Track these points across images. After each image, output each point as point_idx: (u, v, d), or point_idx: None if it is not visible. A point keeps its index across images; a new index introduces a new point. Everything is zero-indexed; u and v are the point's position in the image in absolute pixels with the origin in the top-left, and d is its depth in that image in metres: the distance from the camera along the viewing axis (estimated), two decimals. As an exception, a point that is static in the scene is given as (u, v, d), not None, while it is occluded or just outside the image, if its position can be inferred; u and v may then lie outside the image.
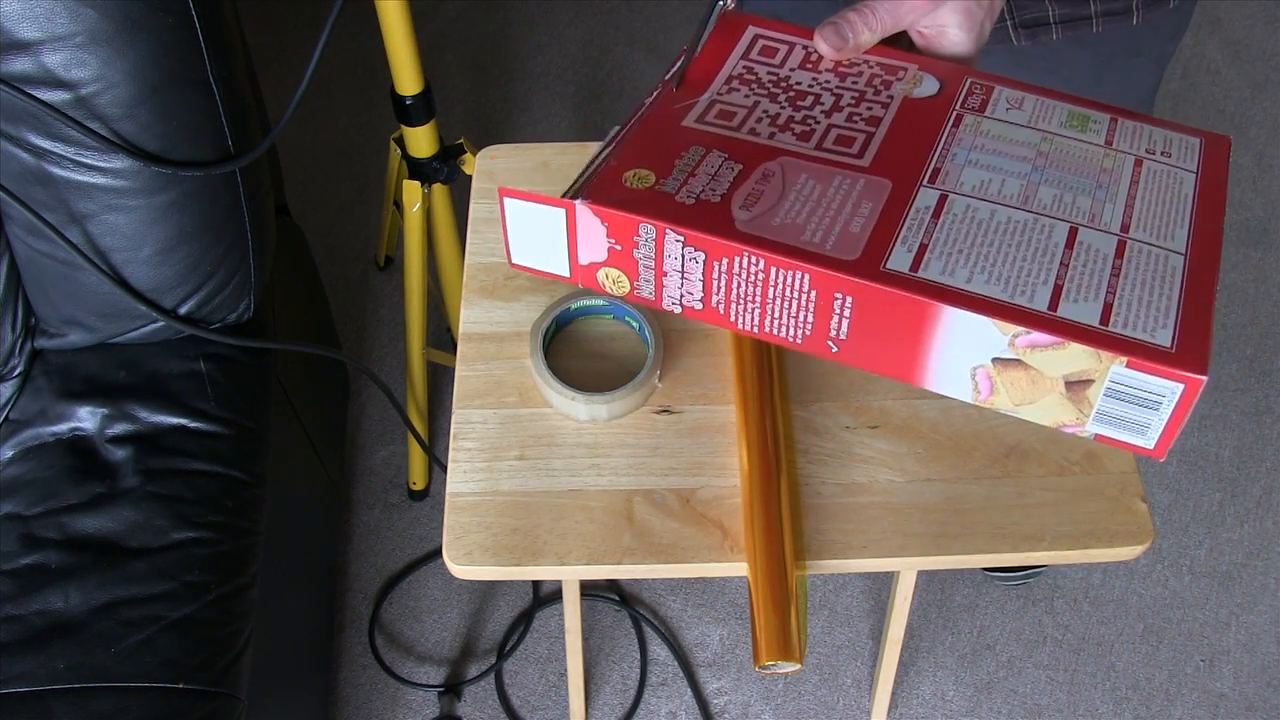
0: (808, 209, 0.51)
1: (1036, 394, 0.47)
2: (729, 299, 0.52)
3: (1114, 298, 0.48)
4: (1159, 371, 0.45)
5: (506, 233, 0.55)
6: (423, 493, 1.55)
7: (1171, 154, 0.56)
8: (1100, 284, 0.48)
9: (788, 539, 0.72)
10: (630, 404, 0.79)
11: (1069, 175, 0.54)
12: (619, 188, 0.52)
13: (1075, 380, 0.46)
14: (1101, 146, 0.56)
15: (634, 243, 0.51)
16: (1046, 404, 0.48)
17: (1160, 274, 0.49)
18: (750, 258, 0.50)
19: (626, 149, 0.54)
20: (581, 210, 0.51)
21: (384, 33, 1.08)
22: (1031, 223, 0.51)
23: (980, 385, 0.48)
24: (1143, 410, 0.46)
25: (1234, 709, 1.43)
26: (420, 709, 1.41)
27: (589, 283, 0.53)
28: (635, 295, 0.52)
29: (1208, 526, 1.56)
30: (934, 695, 1.43)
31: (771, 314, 0.51)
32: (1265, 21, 2.09)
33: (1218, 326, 1.73)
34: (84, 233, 0.95)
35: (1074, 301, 0.47)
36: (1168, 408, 0.46)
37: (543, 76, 2.00)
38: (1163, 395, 0.45)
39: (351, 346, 1.68)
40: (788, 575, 0.70)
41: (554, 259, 0.54)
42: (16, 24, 0.84)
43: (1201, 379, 0.45)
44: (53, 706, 0.89)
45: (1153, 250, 0.50)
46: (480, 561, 0.74)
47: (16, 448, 1.02)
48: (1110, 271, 0.49)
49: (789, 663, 0.67)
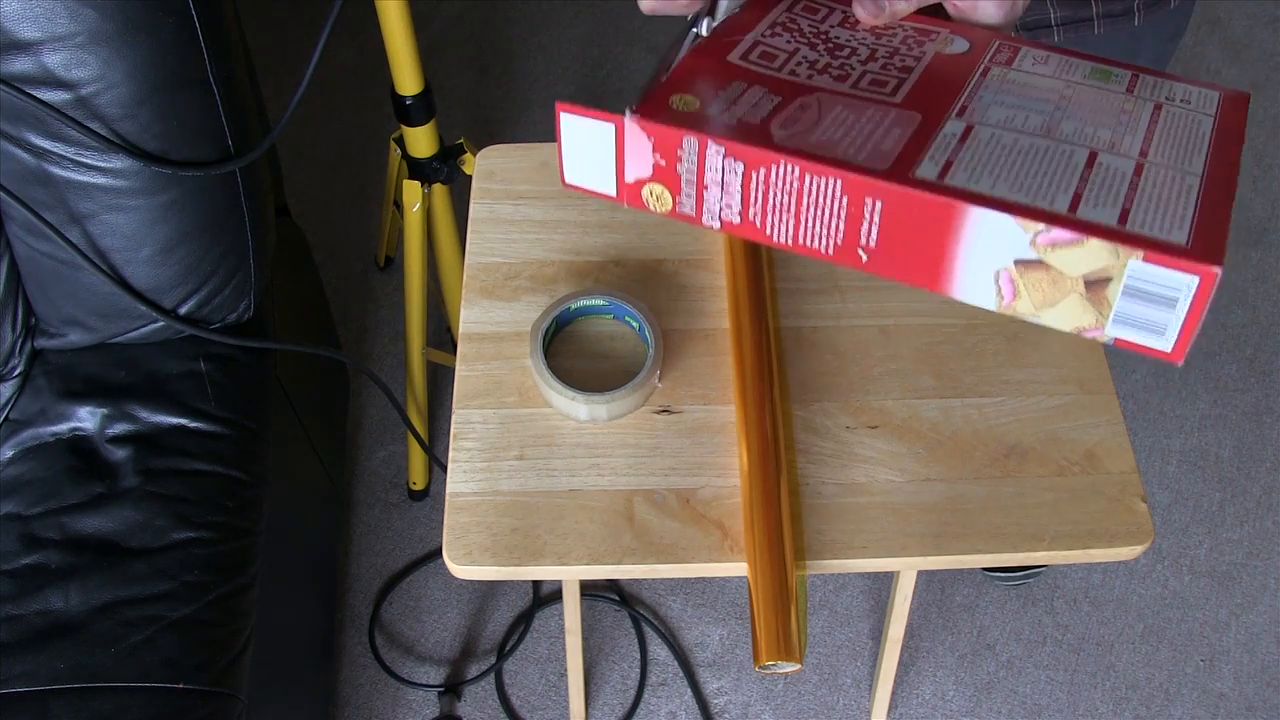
0: (842, 130, 0.55)
1: (1057, 295, 0.49)
2: (765, 210, 0.55)
3: (1131, 204, 0.49)
4: (1175, 265, 0.46)
5: (561, 150, 0.57)
6: (423, 493, 1.55)
7: (1191, 101, 0.59)
8: (1119, 194, 0.50)
9: (788, 539, 0.72)
10: (630, 404, 0.79)
11: (1090, 113, 0.56)
12: (665, 109, 0.55)
13: (1094, 279, 0.47)
14: (1123, 94, 0.59)
15: (678, 156, 0.53)
16: (1067, 306, 0.49)
17: (1177, 189, 0.51)
18: (786, 166, 0.52)
19: (674, 75, 0.57)
20: (630, 124, 0.54)
21: (384, 33, 1.08)
22: (1053, 148, 0.53)
23: (1004, 289, 0.49)
24: (1160, 309, 0.47)
25: (1234, 709, 1.43)
26: (420, 709, 1.41)
27: (634, 201, 0.56)
28: (677, 211, 0.55)
29: (1208, 526, 1.56)
30: (934, 695, 1.43)
31: (805, 224, 0.54)
32: (1265, 21, 2.09)
33: (1218, 327, 1.73)
34: (84, 233, 0.95)
35: (1093, 206, 0.49)
36: (1184, 305, 0.46)
37: (543, 76, 2.00)
38: (1179, 290, 0.46)
39: (351, 346, 1.68)
40: (788, 575, 0.70)
41: (603, 178, 0.57)
42: (16, 24, 0.84)
43: (1216, 271, 0.45)
44: (53, 706, 0.89)
45: (1170, 171, 0.52)
46: (480, 561, 0.74)
47: (16, 448, 1.02)
48: (1128, 186, 0.51)
49: (789, 663, 0.67)
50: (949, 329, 0.84)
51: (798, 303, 0.86)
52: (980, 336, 0.84)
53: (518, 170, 0.93)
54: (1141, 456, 1.61)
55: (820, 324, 0.85)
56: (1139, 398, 1.66)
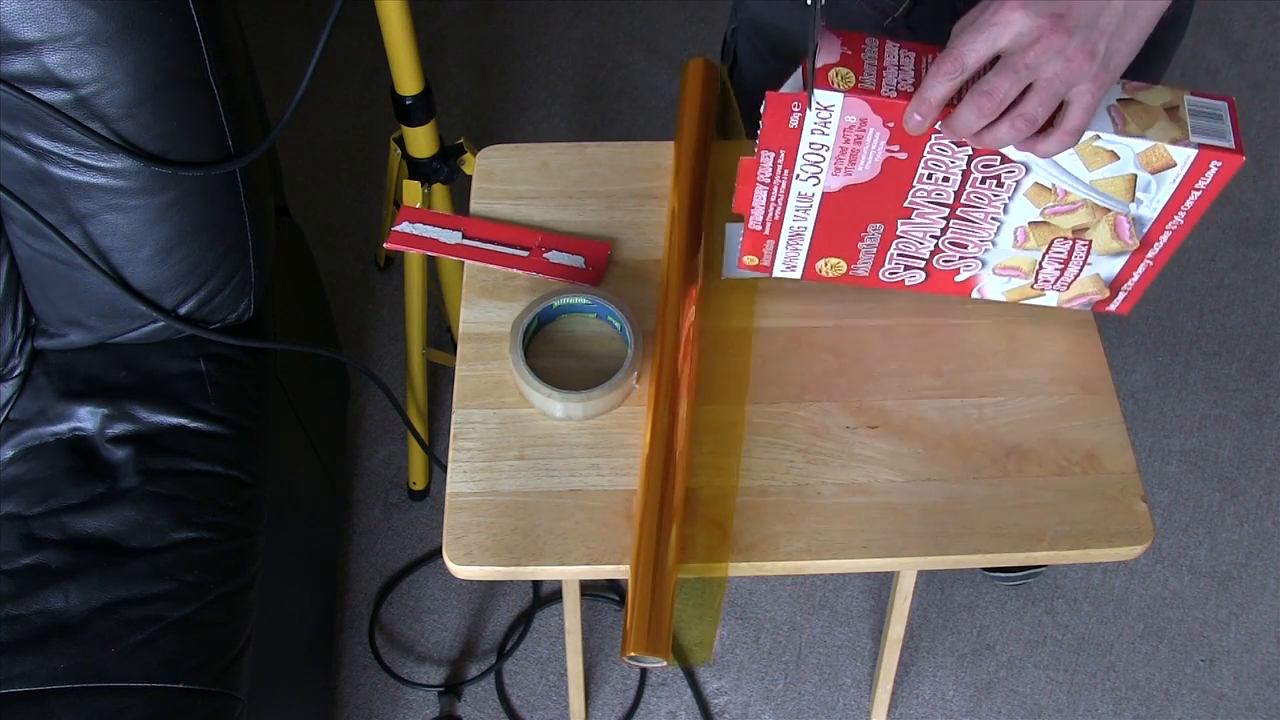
0: None
1: (1151, 120, 0.70)
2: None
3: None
4: (1210, 95, 0.71)
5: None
6: (423, 493, 1.55)
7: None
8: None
9: (673, 539, 0.72)
10: (607, 403, 0.79)
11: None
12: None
13: (1169, 108, 0.70)
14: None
15: (861, 47, 0.70)
16: (1160, 127, 0.70)
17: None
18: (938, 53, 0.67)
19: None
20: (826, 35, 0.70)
21: (384, 33, 1.08)
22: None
23: (1115, 119, 0.70)
24: (1215, 121, 0.71)
25: (1234, 709, 1.43)
26: (420, 709, 1.41)
27: (821, 81, 0.68)
28: (859, 88, 0.68)
29: (1208, 526, 1.56)
30: (934, 695, 1.43)
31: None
32: (1265, 21, 2.09)
33: (1218, 327, 1.73)
34: (84, 233, 0.95)
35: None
36: (1228, 118, 0.71)
37: (543, 76, 2.00)
38: (1221, 108, 0.71)
39: (351, 346, 1.68)
40: (666, 574, 0.71)
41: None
42: (16, 24, 0.84)
43: (1233, 99, 0.72)
44: (53, 706, 0.89)
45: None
46: (480, 561, 0.74)
47: (16, 448, 1.02)
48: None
49: (656, 658, 0.69)
50: (949, 329, 0.84)
51: (798, 303, 0.86)
52: (980, 336, 0.84)
53: (518, 170, 0.93)
54: (1141, 456, 1.61)
55: (820, 324, 0.85)
56: (1139, 398, 1.66)
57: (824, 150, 0.72)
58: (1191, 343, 1.72)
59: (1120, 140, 0.70)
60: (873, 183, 0.74)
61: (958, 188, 0.74)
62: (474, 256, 0.87)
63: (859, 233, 0.78)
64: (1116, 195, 0.74)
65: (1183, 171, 0.71)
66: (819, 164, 0.73)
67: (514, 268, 0.86)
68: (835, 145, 0.72)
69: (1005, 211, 0.76)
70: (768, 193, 0.76)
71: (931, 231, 0.78)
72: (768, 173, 0.74)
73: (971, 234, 0.78)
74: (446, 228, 0.89)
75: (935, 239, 0.79)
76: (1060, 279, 0.81)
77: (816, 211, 0.77)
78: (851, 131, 0.70)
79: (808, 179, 0.74)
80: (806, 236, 0.79)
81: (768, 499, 0.76)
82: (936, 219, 0.77)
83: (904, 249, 0.80)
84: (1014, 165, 0.72)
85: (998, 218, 0.76)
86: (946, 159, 0.72)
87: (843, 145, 0.71)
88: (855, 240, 0.79)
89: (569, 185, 0.92)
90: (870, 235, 0.79)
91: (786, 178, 0.74)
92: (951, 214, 0.76)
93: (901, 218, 0.77)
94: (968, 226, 0.77)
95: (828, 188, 0.75)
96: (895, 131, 0.70)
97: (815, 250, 0.80)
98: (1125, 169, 0.72)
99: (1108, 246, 0.78)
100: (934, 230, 0.78)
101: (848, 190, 0.75)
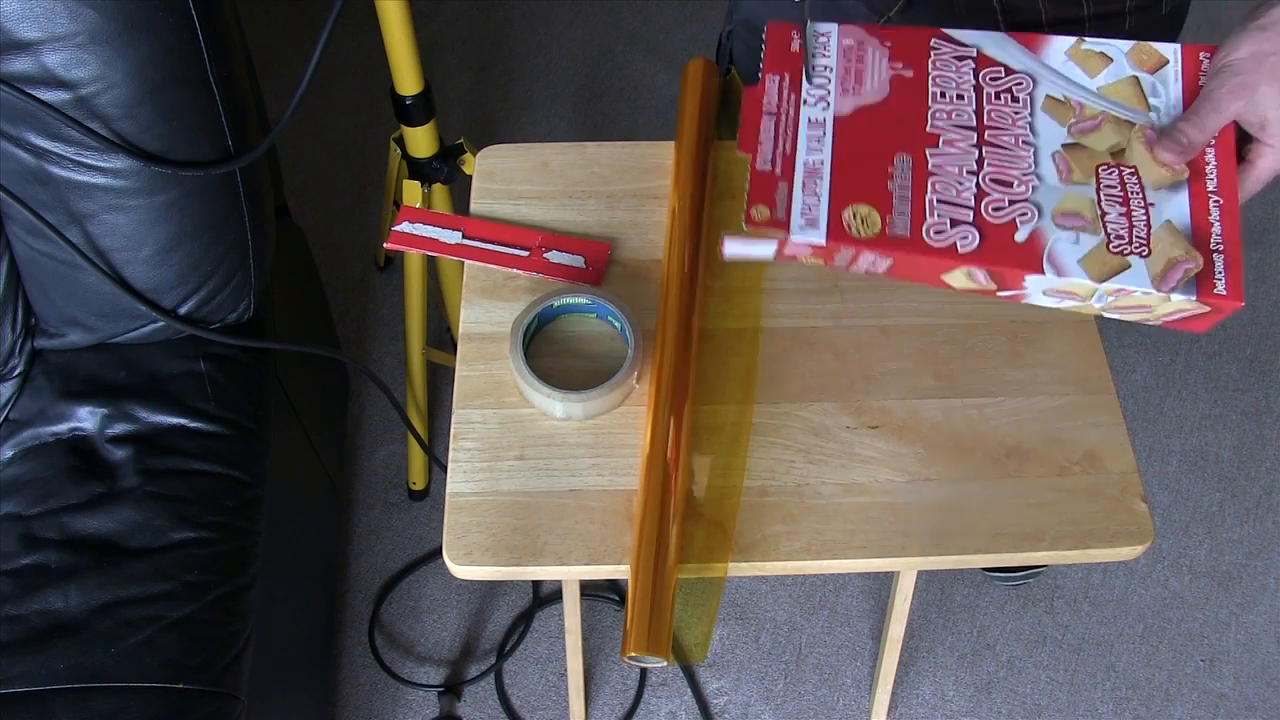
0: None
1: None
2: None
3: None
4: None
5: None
6: (423, 493, 1.55)
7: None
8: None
9: (673, 540, 0.72)
10: (607, 403, 0.79)
11: None
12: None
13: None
14: None
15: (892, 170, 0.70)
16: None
17: None
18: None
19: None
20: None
21: (384, 33, 1.08)
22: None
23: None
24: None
25: (1234, 709, 1.43)
26: (420, 709, 1.41)
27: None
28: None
29: (1208, 526, 1.56)
30: (934, 695, 1.43)
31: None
32: (1265, 21, 2.09)
33: (1217, 327, 1.73)
34: (84, 233, 0.95)
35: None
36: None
37: (543, 76, 2.00)
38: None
39: (351, 346, 1.68)
40: (666, 575, 0.71)
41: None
42: (16, 24, 0.84)
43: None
44: (53, 706, 0.89)
45: None
46: (480, 561, 0.74)
47: (16, 448, 1.02)
48: None
49: (656, 657, 0.69)
50: (949, 329, 0.84)
51: (798, 303, 0.86)
52: (980, 336, 0.84)
53: (517, 170, 0.93)
54: (1141, 456, 1.61)
55: (820, 324, 0.85)
56: (1139, 398, 1.66)
57: (829, 72, 0.72)
58: (1191, 343, 1.72)
59: (1107, 42, 0.73)
60: (886, 104, 0.71)
61: (975, 106, 0.72)
62: (474, 256, 0.87)
63: (886, 167, 0.70)
64: (1129, 103, 0.72)
65: (1178, 65, 0.72)
66: (825, 85, 0.72)
67: (514, 268, 0.86)
68: (839, 66, 0.72)
69: (1034, 133, 0.72)
70: (775, 123, 0.71)
71: (968, 166, 0.71)
72: (774, 100, 0.71)
73: (1009, 163, 0.71)
74: (446, 228, 0.89)
75: (974, 175, 0.71)
76: (1132, 230, 0.70)
77: (831, 141, 0.71)
78: (852, 51, 0.72)
79: (816, 102, 0.72)
80: (825, 174, 0.70)
81: (768, 499, 0.76)
82: (966, 146, 0.71)
83: (943, 193, 0.70)
84: (1019, 76, 0.73)
85: (1029, 141, 0.71)
86: (952, 73, 0.72)
87: (845, 65, 0.72)
88: (883, 179, 0.70)
89: (569, 185, 0.92)
90: (900, 172, 0.70)
91: (794, 104, 0.71)
92: (980, 139, 0.71)
93: (929, 146, 0.71)
94: (1002, 155, 0.71)
95: (839, 110, 0.72)
96: (895, 49, 0.71)
97: (838, 194, 0.70)
98: (1123, 70, 0.73)
99: (1156, 175, 0.70)
100: (969, 164, 0.71)
101: (861, 114, 0.71)
